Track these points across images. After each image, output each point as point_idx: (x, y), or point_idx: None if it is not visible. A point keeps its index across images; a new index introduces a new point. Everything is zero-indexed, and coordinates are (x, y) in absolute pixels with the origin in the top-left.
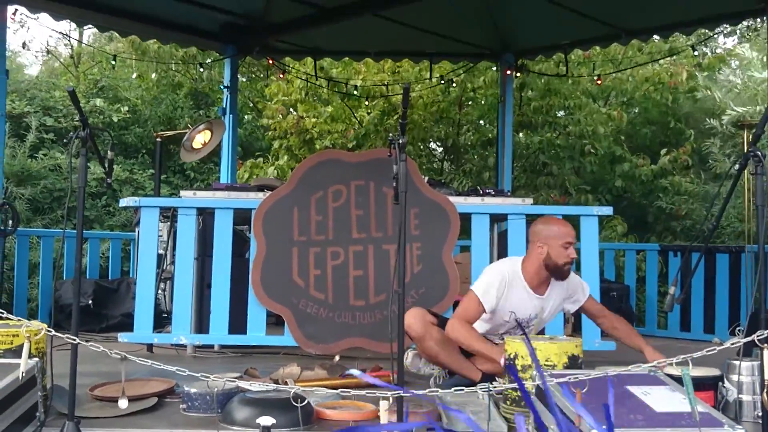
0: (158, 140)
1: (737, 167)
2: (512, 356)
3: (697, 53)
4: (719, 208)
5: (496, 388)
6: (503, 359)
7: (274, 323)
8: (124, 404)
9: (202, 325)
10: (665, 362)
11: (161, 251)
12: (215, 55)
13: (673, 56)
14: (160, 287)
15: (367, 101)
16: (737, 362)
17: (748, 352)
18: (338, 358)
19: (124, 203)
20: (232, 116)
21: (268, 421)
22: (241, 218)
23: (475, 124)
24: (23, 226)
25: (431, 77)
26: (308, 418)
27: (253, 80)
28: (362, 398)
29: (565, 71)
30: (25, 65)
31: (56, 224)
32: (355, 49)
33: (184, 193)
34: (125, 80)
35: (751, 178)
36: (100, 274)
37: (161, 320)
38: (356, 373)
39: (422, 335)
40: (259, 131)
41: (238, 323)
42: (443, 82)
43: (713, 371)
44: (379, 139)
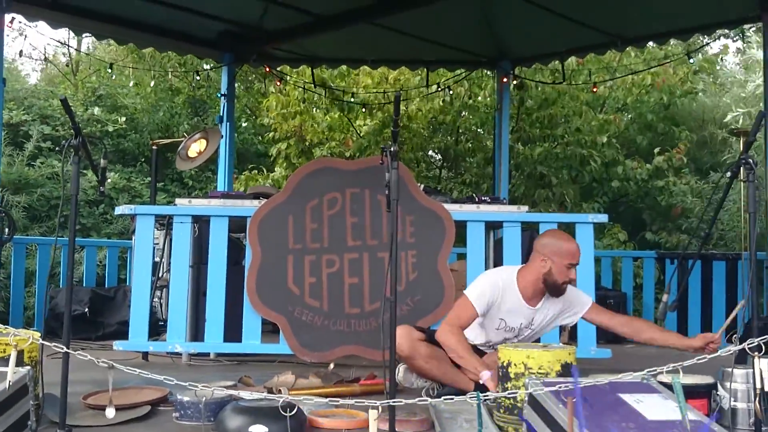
0: (154, 148)
1: (729, 174)
2: (505, 364)
3: (692, 60)
4: (712, 215)
5: (488, 395)
6: (487, 373)
7: (270, 331)
8: (111, 413)
9: (197, 333)
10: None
11: (157, 259)
12: (212, 62)
13: (668, 62)
14: (156, 295)
15: (364, 109)
16: (731, 369)
17: (742, 359)
18: (333, 366)
19: (119, 211)
20: (229, 124)
21: (260, 429)
22: (237, 226)
23: (474, 132)
24: (20, 234)
25: (428, 85)
26: (301, 426)
27: (250, 88)
28: (355, 407)
29: (561, 79)
30: (26, 74)
31: (53, 232)
32: (351, 57)
33: (179, 201)
34: (123, 87)
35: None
36: (96, 281)
37: (157, 328)
38: None
39: (411, 354)
40: (255, 138)
41: (233, 331)
42: (440, 89)
43: (707, 379)
44: (378, 149)
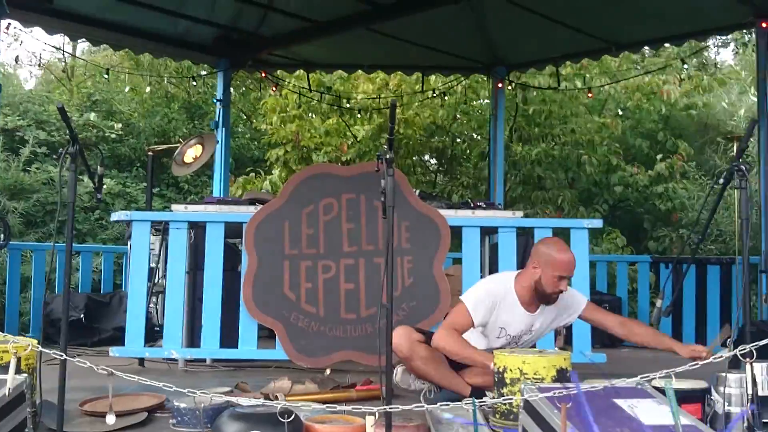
0: (150, 154)
1: (722, 181)
2: (501, 369)
3: (686, 66)
4: (705, 221)
5: (484, 401)
6: (492, 364)
7: (266, 336)
8: (111, 420)
9: (193, 338)
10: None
11: (153, 264)
12: (208, 67)
13: (665, 67)
14: (152, 301)
15: (359, 114)
16: (725, 374)
17: (737, 363)
18: (329, 371)
19: (116, 217)
20: (224, 130)
21: None
22: (234, 231)
23: (469, 136)
24: (16, 239)
25: (423, 90)
26: None
27: (246, 93)
28: (352, 413)
29: (557, 84)
30: (24, 79)
31: (49, 238)
32: (347, 62)
33: (175, 206)
34: (119, 93)
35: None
36: (92, 287)
37: (153, 334)
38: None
39: (409, 355)
40: (251, 143)
41: (229, 337)
42: (434, 96)
43: (701, 383)
44: (376, 155)
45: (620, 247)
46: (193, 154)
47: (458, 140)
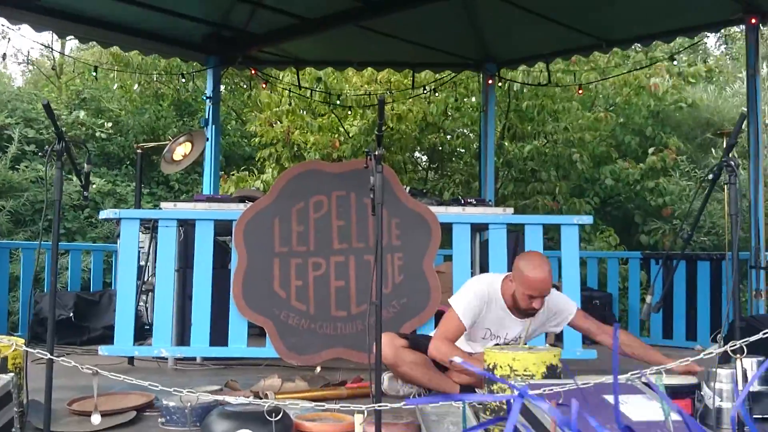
0: (139, 152)
1: (711, 176)
2: (490, 366)
3: (676, 62)
4: (694, 217)
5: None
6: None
7: (256, 334)
8: (96, 420)
9: (183, 337)
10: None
11: (142, 263)
12: (198, 65)
13: (655, 63)
14: (141, 299)
15: (350, 111)
16: (716, 369)
17: (728, 358)
18: (319, 369)
19: (104, 215)
20: (214, 127)
21: None
22: (224, 229)
23: (461, 132)
24: (5, 238)
25: (414, 87)
26: (287, 431)
27: (236, 90)
28: (341, 411)
29: (547, 80)
30: (12, 77)
31: (38, 236)
32: (337, 59)
33: (164, 204)
34: (107, 90)
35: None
36: (81, 286)
37: (143, 332)
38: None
39: (395, 362)
40: (242, 141)
41: (219, 335)
42: (426, 92)
43: (690, 379)
44: (365, 152)
45: (613, 246)
46: (182, 151)
47: (449, 137)
